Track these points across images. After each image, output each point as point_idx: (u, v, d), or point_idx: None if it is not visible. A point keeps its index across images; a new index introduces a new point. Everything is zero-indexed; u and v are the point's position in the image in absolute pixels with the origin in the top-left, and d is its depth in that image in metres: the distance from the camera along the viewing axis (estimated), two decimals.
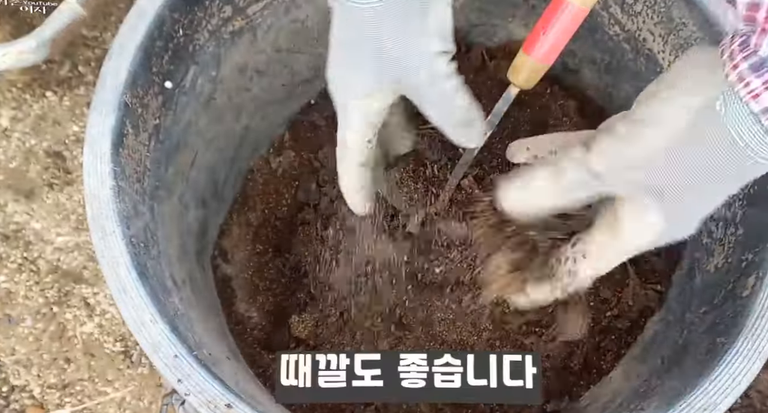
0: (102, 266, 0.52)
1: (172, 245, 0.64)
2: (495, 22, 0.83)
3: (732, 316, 0.54)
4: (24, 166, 0.98)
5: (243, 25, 0.69)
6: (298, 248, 0.82)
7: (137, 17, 0.58)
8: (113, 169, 0.54)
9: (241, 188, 0.82)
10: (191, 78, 0.66)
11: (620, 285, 0.74)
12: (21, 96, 1.00)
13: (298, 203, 0.85)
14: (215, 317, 0.70)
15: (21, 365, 0.90)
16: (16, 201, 0.96)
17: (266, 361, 0.73)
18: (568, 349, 0.74)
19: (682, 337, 0.61)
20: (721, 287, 0.59)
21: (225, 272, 0.77)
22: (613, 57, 0.76)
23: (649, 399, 0.56)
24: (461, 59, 0.85)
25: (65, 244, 0.95)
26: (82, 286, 0.93)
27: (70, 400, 0.89)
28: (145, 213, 0.58)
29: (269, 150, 0.85)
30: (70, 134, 1.00)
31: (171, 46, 0.61)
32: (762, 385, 0.86)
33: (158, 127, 0.62)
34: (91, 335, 0.91)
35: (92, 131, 0.55)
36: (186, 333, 0.53)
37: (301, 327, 0.76)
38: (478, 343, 0.75)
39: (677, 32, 0.65)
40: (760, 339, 0.50)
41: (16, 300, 0.92)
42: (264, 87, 0.78)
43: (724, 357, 0.49)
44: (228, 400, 0.48)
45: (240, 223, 0.81)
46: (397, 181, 0.68)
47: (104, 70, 0.57)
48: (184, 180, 0.69)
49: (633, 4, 0.68)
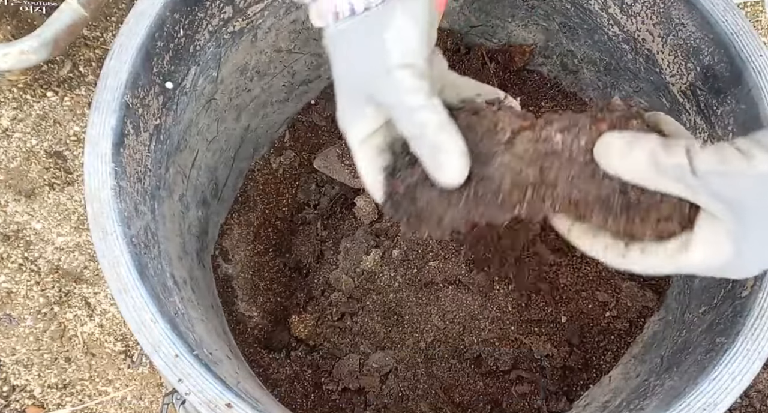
0: (102, 266, 0.52)
1: (172, 244, 0.64)
2: (495, 22, 0.83)
3: (731, 316, 0.54)
4: (25, 166, 0.98)
5: (243, 26, 0.69)
6: (298, 248, 0.82)
7: (138, 18, 0.59)
8: (114, 169, 0.54)
9: (242, 188, 0.82)
10: (192, 78, 0.66)
11: (619, 286, 0.75)
12: (22, 96, 1.00)
13: (298, 203, 0.85)
14: (215, 316, 0.70)
15: (21, 365, 0.90)
16: (16, 201, 0.96)
17: (266, 361, 0.74)
18: (567, 348, 0.74)
19: (681, 337, 0.61)
20: (720, 287, 0.59)
21: (225, 271, 0.77)
22: (612, 57, 0.76)
23: (649, 398, 0.56)
24: (461, 59, 0.85)
25: (66, 244, 0.95)
26: (83, 286, 0.93)
27: (71, 400, 0.89)
28: (146, 213, 0.58)
29: (269, 150, 0.85)
30: (71, 134, 1.00)
31: (171, 47, 0.62)
32: (762, 385, 0.86)
33: (159, 127, 0.62)
34: (92, 334, 0.92)
35: (93, 131, 0.55)
36: (186, 333, 0.53)
37: (301, 326, 0.76)
38: (477, 341, 0.75)
39: (676, 32, 0.65)
40: (760, 338, 0.50)
41: (16, 300, 0.92)
42: (264, 87, 0.78)
43: (724, 357, 0.50)
44: (228, 399, 0.48)
45: (240, 223, 0.81)
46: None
47: (105, 70, 0.57)
48: (185, 180, 0.69)
49: (632, 5, 0.68)
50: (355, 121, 0.46)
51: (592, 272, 0.76)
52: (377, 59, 0.43)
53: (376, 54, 0.43)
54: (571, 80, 0.84)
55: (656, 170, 0.40)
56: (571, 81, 0.84)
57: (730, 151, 0.39)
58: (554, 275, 0.77)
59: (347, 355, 0.75)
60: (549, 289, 0.76)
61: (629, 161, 0.41)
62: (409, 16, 0.43)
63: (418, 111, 0.42)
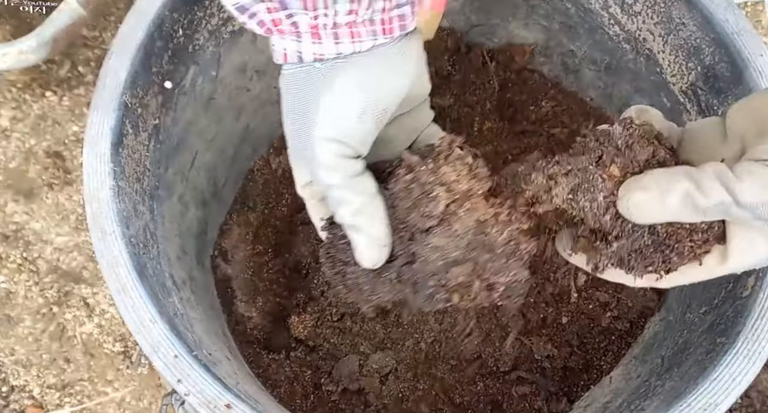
0: (101, 266, 0.52)
1: (171, 245, 0.63)
2: (495, 22, 0.83)
3: (732, 316, 0.54)
4: (24, 166, 0.98)
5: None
6: (298, 248, 0.82)
7: (137, 17, 0.58)
8: (113, 169, 0.54)
9: (242, 188, 0.82)
10: (191, 78, 0.65)
11: (620, 286, 0.74)
12: (21, 96, 1.00)
13: (298, 203, 0.85)
14: (215, 317, 0.70)
15: (20, 365, 0.90)
16: (15, 201, 0.96)
17: (266, 361, 0.73)
18: (568, 349, 0.74)
19: (682, 337, 0.61)
20: (721, 288, 0.59)
21: (225, 272, 0.77)
22: (613, 57, 0.76)
23: (650, 399, 0.56)
24: (461, 59, 0.85)
25: (65, 244, 0.95)
26: (82, 286, 0.93)
27: (70, 400, 0.89)
28: (145, 213, 0.58)
29: (269, 150, 0.85)
30: (70, 134, 1.00)
31: (171, 46, 0.61)
32: (762, 385, 0.86)
33: (158, 127, 0.62)
34: (91, 335, 0.91)
35: (92, 131, 0.55)
36: (186, 333, 0.52)
37: (301, 327, 0.76)
38: (476, 338, 0.75)
39: (677, 32, 0.65)
40: (760, 339, 0.50)
41: (15, 300, 0.92)
42: (264, 87, 0.78)
43: (724, 357, 0.49)
44: (227, 400, 0.48)
45: (240, 223, 0.80)
46: None
47: (104, 70, 0.57)
48: (184, 180, 0.69)
49: (633, 4, 0.68)
50: (297, 165, 0.44)
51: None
52: (308, 121, 0.39)
53: (309, 115, 0.39)
54: (571, 80, 0.84)
55: (695, 211, 0.37)
56: (572, 81, 0.84)
57: (766, 169, 0.35)
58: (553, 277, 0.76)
59: (347, 356, 0.75)
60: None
61: (664, 213, 0.37)
62: (356, 86, 0.39)
63: (335, 189, 0.40)
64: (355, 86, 0.39)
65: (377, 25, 0.38)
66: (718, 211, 0.37)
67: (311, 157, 0.40)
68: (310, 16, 0.36)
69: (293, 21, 0.37)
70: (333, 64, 0.38)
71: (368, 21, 0.37)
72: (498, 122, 0.85)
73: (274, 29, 0.38)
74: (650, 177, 0.37)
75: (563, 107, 0.85)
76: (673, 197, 0.36)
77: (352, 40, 0.38)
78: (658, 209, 0.37)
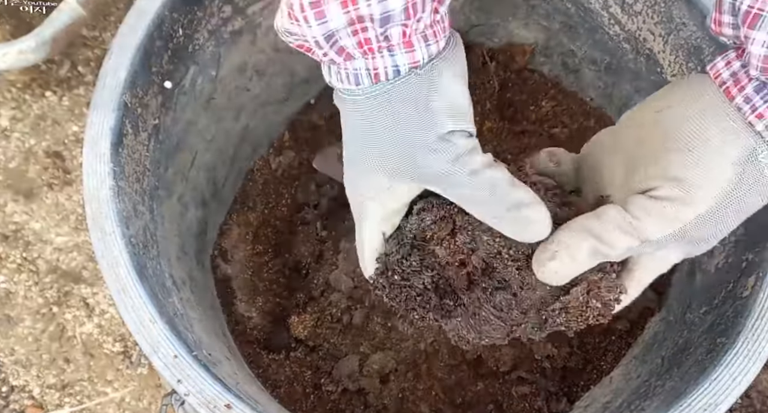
0: (101, 266, 0.52)
1: (171, 245, 0.63)
2: (495, 22, 0.83)
3: (732, 316, 0.54)
4: (23, 166, 0.98)
5: (243, 25, 0.69)
6: (298, 248, 0.82)
7: (137, 17, 0.58)
8: (113, 169, 0.54)
9: (241, 188, 0.82)
10: (191, 78, 0.65)
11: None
12: (21, 96, 1.00)
13: (297, 203, 0.85)
14: (215, 317, 0.70)
15: (20, 365, 0.90)
16: (15, 201, 0.96)
17: (266, 361, 0.73)
18: (568, 349, 0.74)
19: (682, 337, 0.61)
20: (721, 288, 0.58)
21: (225, 272, 0.77)
22: (613, 57, 0.76)
23: (650, 399, 0.56)
24: None
25: (64, 244, 0.95)
26: (82, 286, 0.93)
27: (70, 400, 0.89)
28: (145, 213, 0.58)
29: (269, 150, 0.85)
30: (70, 134, 1.00)
31: (170, 46, 0.61)
32: (762, 385, 0.86)
33: (158, 127, 0.62)
34: (91, 335, 0.91)
35: (92, 131, 0.55)
36: (185, 333, 0.52)
37: (301, 327, 0.76)
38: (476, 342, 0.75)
39: (677, 32, 0.65)
40: (760, 339, 0.50)
41: (15, 300, 0.92)
42: (264, 87, 0.78)
43: (724, 358, 0.49)
44: (227, 400, 0.48)
45: (240, 223, 0.80)
46: None
47: (104, 70, 0.57)
48: (184, 180, 0.69)
49: (633, 4, 0.68)
50: (378, 195, 0.42)
51: None
52: (422, 128, 0.39)
53: (421, 123, 0.39)
54: (571, 80, 0.84)
55: (607, 258, 0.40)
56: (572, 80, 0.84)
57: (660, 205, 0.39)
58: None
59: (347, 356, 0.75)
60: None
61: (579, 270, 0.40)
62: (458, 77, 0.40)
63: (481, 172, 0.39)
64: (458, 77, 0.40)
65: (445, 23, 0.39)
66: (627, 254, 0.40)
67: (438, 161, 0.39)
68: (402, 25, 0.36)
69: (386, 35, 0.36)
70: (431, 67, 0.39)
71: (439, 20, 0.39)
72: (498, 122, 0.85)
73: (358, 52, 0.37)
74: (555, 245, 0.40)
75: (563, 107, 0.85)
76: (581, 255, 0.39)
77: (436, 40, 0.39)
78: (572, 269, 0.40)
